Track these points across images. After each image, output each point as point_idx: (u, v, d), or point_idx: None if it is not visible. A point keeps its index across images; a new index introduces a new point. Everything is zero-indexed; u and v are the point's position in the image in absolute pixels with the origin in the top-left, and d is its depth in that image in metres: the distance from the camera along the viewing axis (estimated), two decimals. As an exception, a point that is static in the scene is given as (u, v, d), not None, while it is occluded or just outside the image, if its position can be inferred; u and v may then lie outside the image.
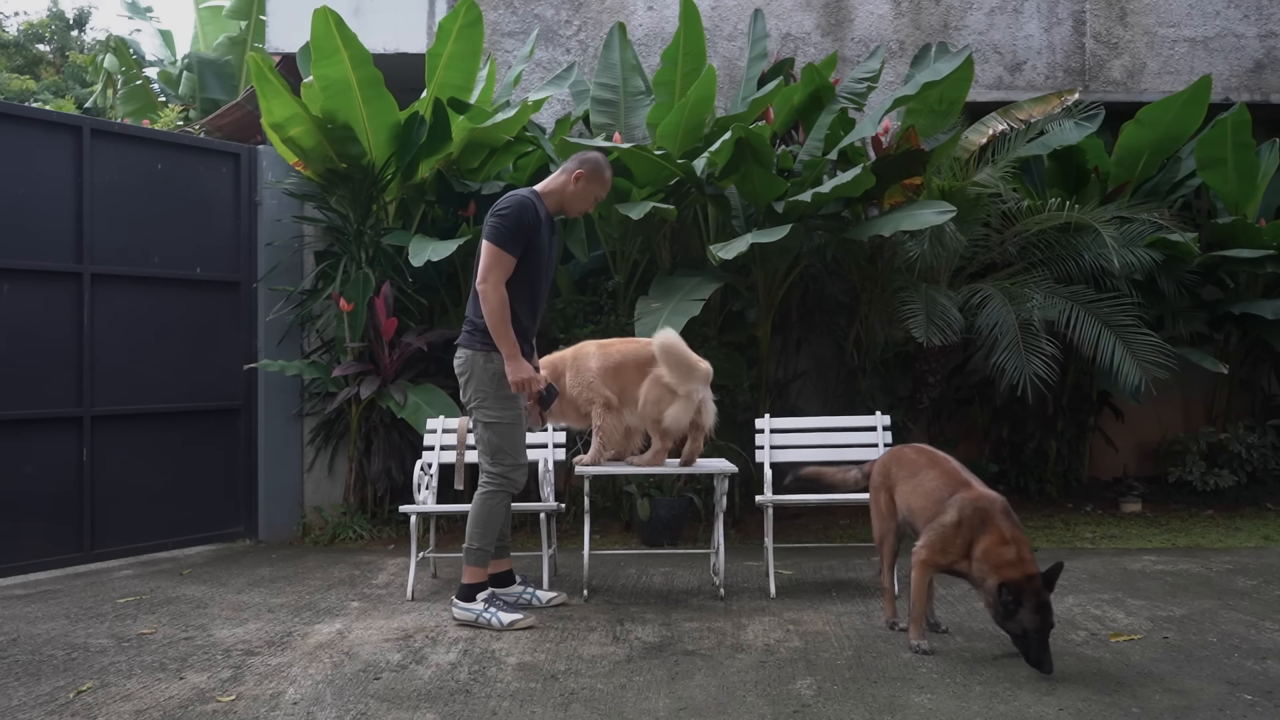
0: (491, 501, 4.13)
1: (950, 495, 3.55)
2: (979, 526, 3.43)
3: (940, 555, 3.51)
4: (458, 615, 4.15)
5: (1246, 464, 6.85)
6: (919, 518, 3.68)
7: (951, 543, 3.48)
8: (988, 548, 3.38)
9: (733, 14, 7.58)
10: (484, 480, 4.15)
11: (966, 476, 3.64)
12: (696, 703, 3.19)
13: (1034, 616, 3.27)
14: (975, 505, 3.47)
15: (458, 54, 6.06)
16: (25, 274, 5.35)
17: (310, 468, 6.42)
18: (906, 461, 3.86)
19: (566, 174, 4.21)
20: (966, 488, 3.56)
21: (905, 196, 6.16)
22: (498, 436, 4.10)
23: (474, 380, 4.09)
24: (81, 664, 3.68)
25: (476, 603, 4.13)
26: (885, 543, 3.94)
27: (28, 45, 19.55)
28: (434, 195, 6.39)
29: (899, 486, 3.84)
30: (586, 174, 4.19)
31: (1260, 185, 6.80)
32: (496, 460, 4.12)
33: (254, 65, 5.75)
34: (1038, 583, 3.29)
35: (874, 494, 3.99)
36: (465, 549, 4.15)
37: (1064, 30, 7.61)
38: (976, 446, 7.26)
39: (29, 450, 5.34)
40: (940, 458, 3.80)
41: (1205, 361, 6.40)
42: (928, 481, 3.69)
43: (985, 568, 3.38)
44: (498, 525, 4.17)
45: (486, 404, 4.09)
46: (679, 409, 4.36)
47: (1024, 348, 5.81)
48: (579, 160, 4.23)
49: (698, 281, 5.82)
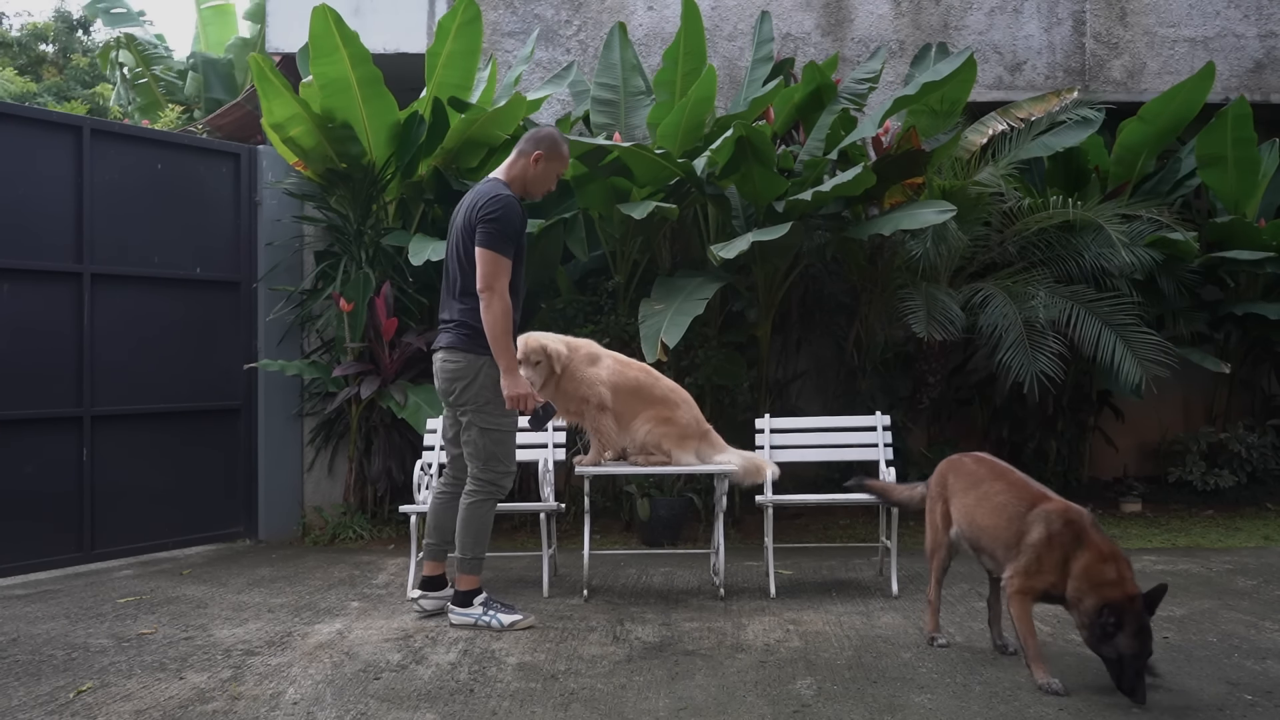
0: (481, 509, 4.07)
1: (1027, 510, 3.28)
2: (1072, 542, 3.16)
3: (1037, 579, 3.22)
4: (455, 621, 4.12)
5: (1246, 464, 6.84)
6: (987, 535, 3.42)
7: (1047, 561, 3.19)
8: (1087, 565, 3.11)
9: (732, 14, 7.58)
10: (473, 488, 4.07)
11: (1040, 488, 3.40)
12: (696, 703, 3.19)
13: (1133, 641, 3.02)
14: (1064, 519, 3.20)
15: (456, 52, 6.05)
16: (25, 274, 5.35)
17: (310, 468, 6.43)
18: (965, 472, 3.61)
19: (525, 157, 4.08)
20: (1045, 500, 3.30)
21: (906, 196, 6.17)
22: (494, 444, 4.05)
23: (475, 385, 4.00)
24: (81, 664, 3.68)
25: (474, 607, 4.10)
26: (936, 556, 3.69)
27: (30, 45, 19.55)
28: (433, 194, 6.39)
29: (956, 499, 3.58)
30: (545, 153, 4.08)
31: (1261, 183, 6.80)
32: (489, 467, 4.05)
33: (255, 66, 5.75)
34: (1139, 605, 3.05)
35: (929, 505, 3.75)
36: (459, 559, 4.10)
37: (1064, 30, 7.61)
38: (976, 446, 7.18)
39: (29, 450, 5.34)
40: (1004, 468, 3.55)
41: (1206, 361, 6.40)
42: (995, 495, 3.42)
43: (1084, 587, 3.11)
44: (488, 531, 4.11)
45: (487, 409, 4.02)
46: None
47: (1029, 345, 5.81)
48: (534, 140, 4.09)
49: (699, 282, 5.81)
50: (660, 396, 4.49)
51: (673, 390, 4.57)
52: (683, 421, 4.49)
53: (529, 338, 4.32)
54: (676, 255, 6.66)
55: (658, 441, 4.43)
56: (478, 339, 3.98)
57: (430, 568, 4.29)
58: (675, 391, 4.57)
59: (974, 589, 4.69)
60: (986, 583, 4.78)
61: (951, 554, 3.68)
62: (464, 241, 4.01)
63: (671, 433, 4.45)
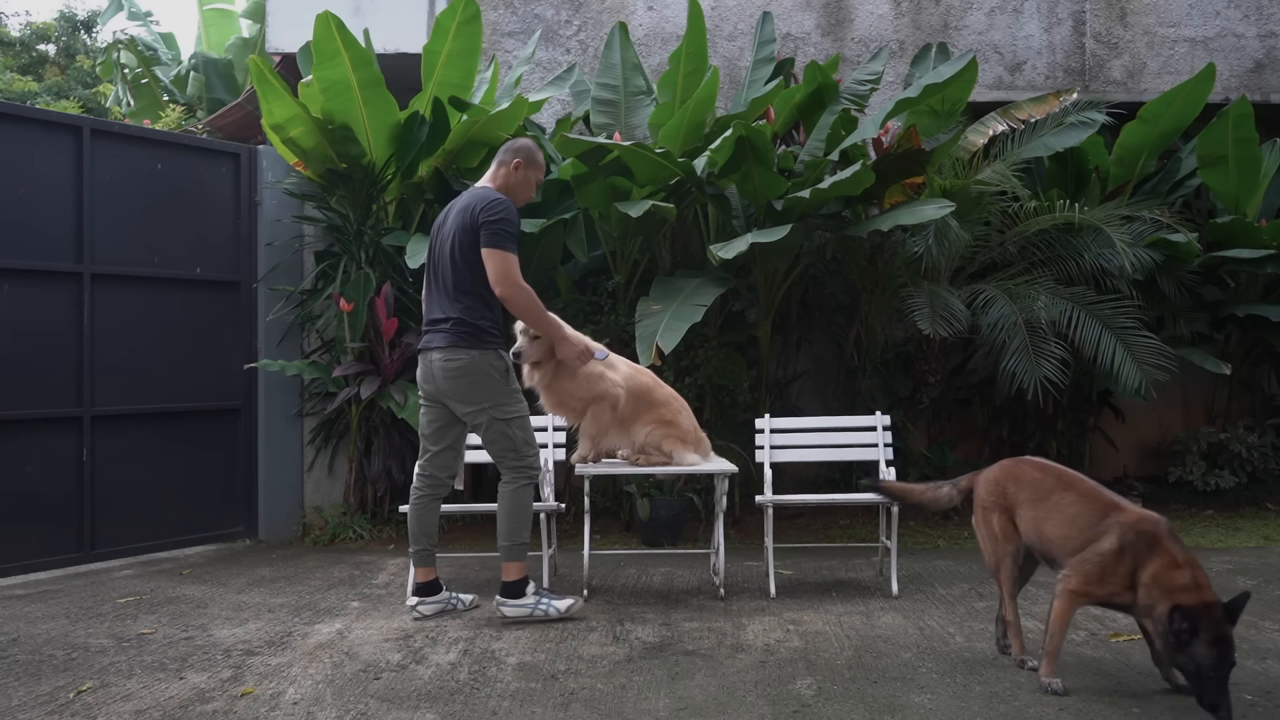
0: (523, 495, 4.13)
1: (1099, 520, 3.16)
2: (1145, 551, 3.04)
3: (1097, 586, 3.11)
4: (510, 614, 4.14)
5: (1247, 464, 6.85)
6: (1058, 546, 3.26)
7: (1112, 572, 3.08)
8: (1158, 572, 2.99)
9: (732, 14, 7.58)
10: (512, 476, 4.12)
11: (1112, 496, 3.25)
12: (696, 703, 3.19)
13: (1211, 650, 2.85)
14: (1138, 529, 3.08)
15: (456, 51, 6.05)
16: (25, 274, 5.35)
17: (310, 468, 6.43)
18: (1029, 481, 3.42)
19: (505, 165, 4.21)
20: (1118, 509, 3.17)
21: (906, 196, 6.17)
22: (520, 430, 4.11)
23: (485, 380, 4.04)
24: (81, 664, 3.68)
25: (528, 597, 4.15)
26: (1003, 569, 3.48)
27: (32, 45, 19.56)
28: (433, 194, 6.39)
29: (1022, 510, 3.40)
30: (524, 160, 4.21)
31: (1262, 183, 6.79)
32: (521, 455, 4.12)
33: (254, 68, 5.75)
34: (1218, 612, 2.88)
35: (983, 514, 3.54)
36: (503, 547, 4.13)
37: (1064, 30, 7.61)
38: (976, 446, 7.26)
39: (29, 450, 5.34)
40: (1072, 476, 3.38)
41: (1207, 362, 6.40)
42: (1067, 506, 3.27)
43: (1155, 593, 2.98)
44: (530, 516, 4.18)
45: (504, 402, 4.08)
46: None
47: (1033, 351, 5.82)
48: (512, 150, 4.23)
49: (699, 283, 5.81)
50: (663, 400, 4.61)
51: (673, 396, 4.69)
52: (684, 425, 4.60)
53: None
54: (676, 255, 6.66)
55: (658, 443, 4.51)
56: (479, 335, 4.03)
57: (422, 574, 4.29)
58: (675, 398, 4.69)
59: (974, 589, 4.69)
60: (989, 582, 4.80)
61: (1018, 564, 3.49)
62: (460, 243, 4.05)
63: (673, 434, 4.54)
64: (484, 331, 4.03)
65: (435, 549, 4.31)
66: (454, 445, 4.26)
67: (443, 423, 4.20)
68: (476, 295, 4.04)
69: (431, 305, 4.19)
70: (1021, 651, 3.52)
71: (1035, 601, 4.44)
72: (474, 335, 4.03)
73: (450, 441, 4.24)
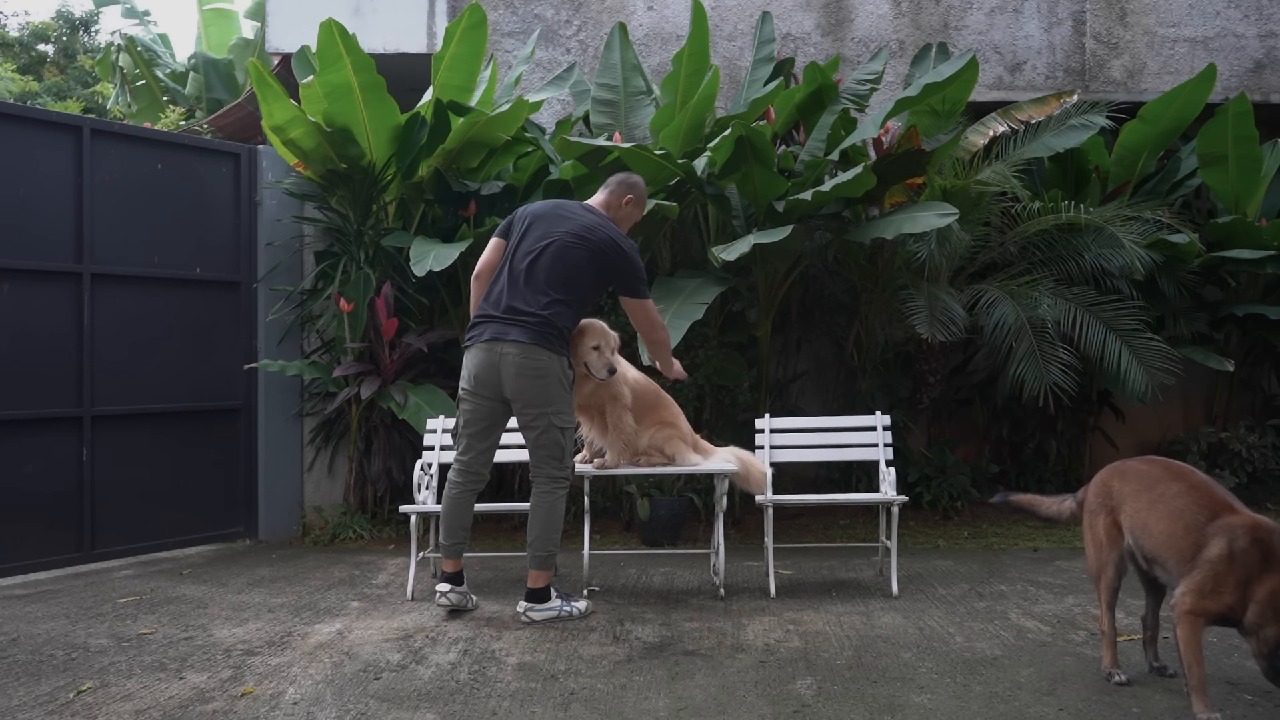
0: (561, 504, 4.19)
1: (1208, 520, 2.91)
2: (1258, 562, 2.78)
3: (1212, 600, 2.84)
4: (537, 618, 4.16)
5: (1247, 464, 6.84)
6: (1160, 542, 3.03)
7: (1225, 583, 2.82)
8: (1274, 590, 2.75)
9: (732, 14, 7.58)
10: (550, 485, 4.16)
11: (1225, 495, 2.99)
12: (696, 703, 3.19)
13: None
14: (1251, 535, 2.82)
15: (460, 55, 6.06)
16: (25, 274, 5.35)
17: (310, 468, 6.43)
18: (1135, 474, 3.21)
19: (618, 198, 4.36)
20: (1230, 511, 2.92)
21: (906, 196, 6.16)
22: (566, 439, 4.18)
23: (551, 383, 4.06)
24: (81, 664, 3.68)
25: (554, 600, 4.20)
26: (1104, 577, 3.26)
27: (31, 45, 19.56)
28: (433, 195, 6.39)
29: (1126, 505, 3.17)
30: (635, 198, 4.38)
31: (1262, 182, 6.79)
32: (564, 463, 4.18)
33: (253, 70, 5.76)
34: None
35: (1089, 519, 3.33)
36: (535, 556, 4.15)
37: (1064, 30, 7.61)
38: (976, 446, 7.26)
39: (29, 450, 5.34)
40: (1182, 468, 3.14)
41: (1210, 360, 6.39)
42: (1173, 498, 3.03)
43: (1266, 614, 2.74)
44: (561, 525, 4.23)
45: (566, 409, 4.16)
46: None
47: (1041, 356, 5.81)
48: (627, 185, 4.37)
49: (699, 283, 5.81)
50: (665, 402, 4.69)
51: (671, 401, 4.76)
52: (684, 428, 4.67)
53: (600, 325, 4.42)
54: (677, 255, 6.66)
55: (660, 445, 4.56)
56: (561, 340, 4.10)
57: (451, 565, 4.31)
58: (672, 400, 4.77)
59: (974, 589, 4.70)
60: (989, 582, 4.80)
61: (1122, 573, 3.27)
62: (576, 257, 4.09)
63: (674, 436, 4.59)
64: (565, 338, 4.12)
65: (467, 542, 4.35)
66: (496, 442, 4.31)
67: (492, 420, 4.22)
68: (566, 304, 4.09)
69: (509, 293, 4.10)
70: (1111, 664, 3.35)
71: (1035, 602, 4.44)
72: (558, 339, 4.08)
73: (495, 439, 4.29)
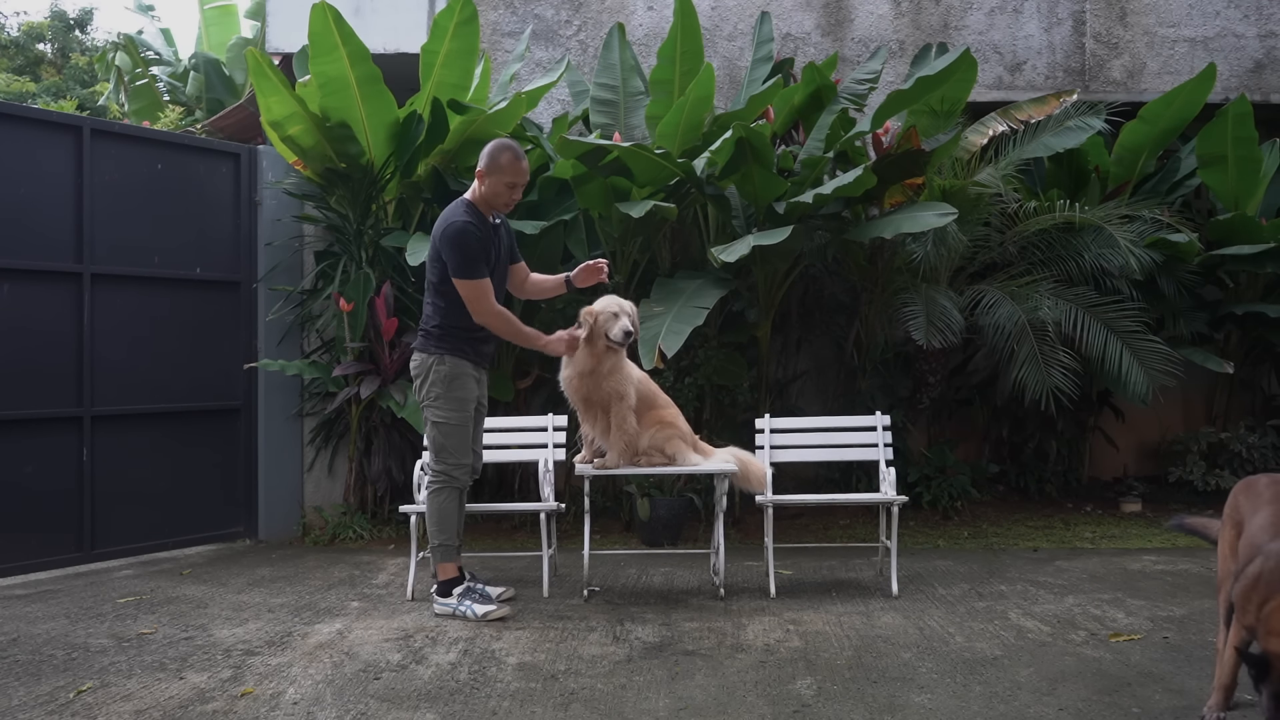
0: (439, 498, 4.29)
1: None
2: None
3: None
4: (438, 610, 4.33)
5: (1247, 464, 6.84)
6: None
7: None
8: None
9: (732, 14, 7.58)
10: (430, 478, 4.33)
11: None
12: (696, 703, 3.19)
13: None
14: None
15: (454, 51, 6.02)
16: (25, 274, 5.34)
17: (310, 468, 6.42)
18: (1257, 490, 3.06)
19: (477, 175, 4.26)
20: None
21: (906, 196, 6.16)
22: (442, 436, 4.27)
23: (427, 381, 4.27)
24: (81, 664, 3.68)
25: (452, 597, 4.29)
26: (1223, 590, 3.02)
27: (28, 45, 19.55)
28: (431, 194, 6.39)
29: (1248, 520, 3.02)
30: (485, 169, 4.20)
31: (1261, 182, 6.79)
32: (440, 459, 4.29)
33: (252, 61, 5.73)
34: None
35: (1221, 532, 3.18)
36: (430, 547, 4.35)
37: (1064, 30, 7.61)
38: (976, 446, 7.26)
39: (29, 450, 5.34)
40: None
41: (1209, 362, 6.39)
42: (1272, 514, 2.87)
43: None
44: (452, 520, 4.31)
45: (436, 404, 4.26)
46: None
47: (1043, 359, 5.81)
48: (481, 157, 4.24)
49: (699, 285, 5.80)
50: (664, 403, 4.71)
51: (670, 402, 4.78)
52: (683, 428, 4.68)
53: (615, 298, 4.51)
54: (676, 256, 6.66)
55: (661, 445, 4.57)
56: (430, 339, 4.29)
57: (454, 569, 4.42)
58: (670, 400, 4.79)
59: (974, 589, 4.70)
60: (989, 582, 4.80)
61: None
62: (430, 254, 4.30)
63: (674, 435, 4.60)
64: (443, 335, 4.26)
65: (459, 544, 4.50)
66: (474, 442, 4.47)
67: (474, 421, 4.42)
68: (434, 304, 4.31)
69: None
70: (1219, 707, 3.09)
71: (1035, 602, 4.44)
72: (427, 338, 4.31)
73: (476, 439, 4.47)
